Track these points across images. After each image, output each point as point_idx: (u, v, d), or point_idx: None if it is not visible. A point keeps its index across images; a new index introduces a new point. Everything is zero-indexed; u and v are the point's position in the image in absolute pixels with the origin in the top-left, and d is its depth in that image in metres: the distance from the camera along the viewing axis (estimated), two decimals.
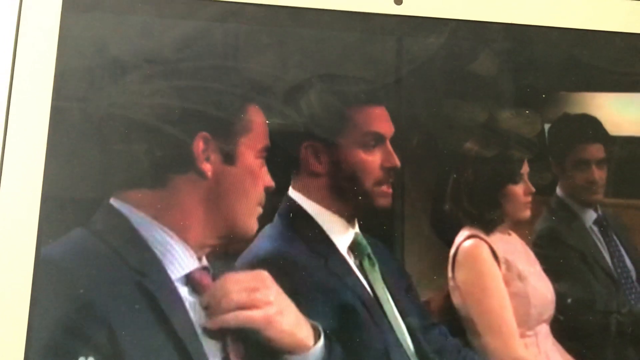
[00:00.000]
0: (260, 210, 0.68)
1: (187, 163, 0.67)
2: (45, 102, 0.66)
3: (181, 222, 0.65)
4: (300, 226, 0.70)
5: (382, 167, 0.72)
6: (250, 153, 0.68)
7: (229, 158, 0.68)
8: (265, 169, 0.69)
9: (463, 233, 0.75)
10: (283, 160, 0.71)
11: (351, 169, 0.71)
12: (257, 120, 0.70)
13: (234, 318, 0.63)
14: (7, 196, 0.63)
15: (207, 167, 0.67)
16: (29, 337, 0.60)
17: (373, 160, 0.72)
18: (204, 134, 0.67)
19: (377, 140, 0.72)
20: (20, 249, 0.62)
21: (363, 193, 0.71)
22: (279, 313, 0.64)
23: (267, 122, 0.70)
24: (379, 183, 0.72)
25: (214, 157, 0.67)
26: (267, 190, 0.69)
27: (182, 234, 0.65)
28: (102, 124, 0.67)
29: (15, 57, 0.66)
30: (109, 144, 0.67)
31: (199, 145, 0.67)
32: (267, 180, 0.69)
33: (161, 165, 0.66)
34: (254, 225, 0.67)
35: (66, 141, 0.65)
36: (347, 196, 0.71)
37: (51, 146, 0.65)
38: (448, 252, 0.74)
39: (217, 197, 0.67)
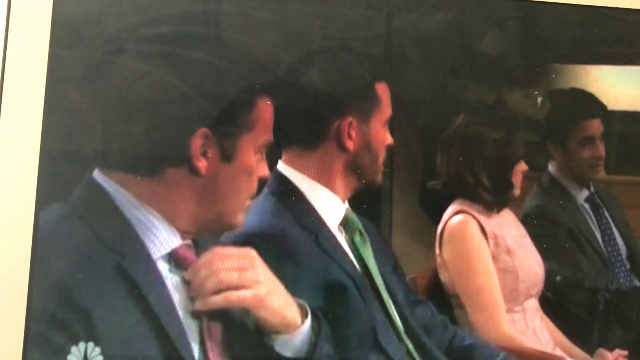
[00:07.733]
0: (249, 202, 0.67)
1: (181, 158, 0.64)
2: (40, 85, 0.65)
3: (167, 207, 0.64)
4: (289, 201, 0.70)
5: (386, 146, 0.73)
6: (250, 149, 0.66)
7: (227, 156, 0.65)
8: (263, 162, 0.67)
9: (452, 208, 0.75)
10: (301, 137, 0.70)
11: (377, 147, 0.72)
12: (265, 114, 0.67)
13: (224, 299, 0.63)
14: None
15: (202, 164, 0.64)
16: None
17: (385, 137, 0.72)
18: (205, 130, 0.65)
19: (388, 119, 0.73)
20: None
21: (375, 170, 0.72)
22: (270, 292, 0.64)
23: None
24: (383, 161, 0.73)
25: (212, 153, 0.65)
26: (261, 180, 0.68)
27: (168, 217, 0.64)
28: (98, 104, 0.66)
29: (8, 38, 0.65)
30: (105, 125, 0.66)
31: (197, 142, 0.64)
32: (263, 171, 0.67)
33: (154, 156, 0.65)
34: (241, 218, 0.66)
35: (62, 121, 0.65)
36: (357, 172, 0.72)
37: (47, 125, 0.64)
38: (435, 229, 0.74)
39: (209, 193, 0.65)
